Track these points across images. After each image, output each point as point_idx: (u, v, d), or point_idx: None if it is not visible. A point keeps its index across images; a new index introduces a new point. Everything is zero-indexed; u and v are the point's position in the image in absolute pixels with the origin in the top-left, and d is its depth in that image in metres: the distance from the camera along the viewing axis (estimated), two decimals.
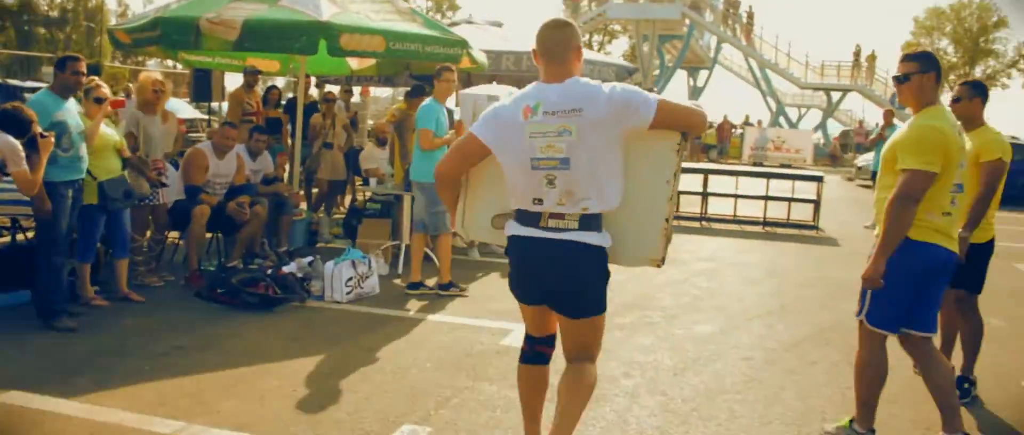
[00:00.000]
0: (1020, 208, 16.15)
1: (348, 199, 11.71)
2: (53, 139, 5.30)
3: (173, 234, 8.06)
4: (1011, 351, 6.26)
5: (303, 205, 10.03)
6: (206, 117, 19.75)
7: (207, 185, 7.48)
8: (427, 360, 5.39)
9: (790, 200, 13.28)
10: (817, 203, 12.79)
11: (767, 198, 13.13)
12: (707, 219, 13.46)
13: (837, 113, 40.37)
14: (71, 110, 5.88)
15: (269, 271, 6.86)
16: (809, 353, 5.98)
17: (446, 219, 6.80)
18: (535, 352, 3.65)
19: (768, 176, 13.32)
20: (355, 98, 13.28)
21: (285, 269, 6.92)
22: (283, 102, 11.97)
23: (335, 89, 13.04)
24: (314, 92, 12.59)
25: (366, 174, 10.18)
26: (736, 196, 13.40)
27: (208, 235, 7.86)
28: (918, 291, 3.92)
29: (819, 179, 13.10)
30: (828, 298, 7.78)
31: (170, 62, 24.11)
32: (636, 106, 3.13)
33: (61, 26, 55.22)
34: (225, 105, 12.76)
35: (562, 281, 3.29)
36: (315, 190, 11.05)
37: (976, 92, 4.96)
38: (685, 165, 4.00)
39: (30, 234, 7.11)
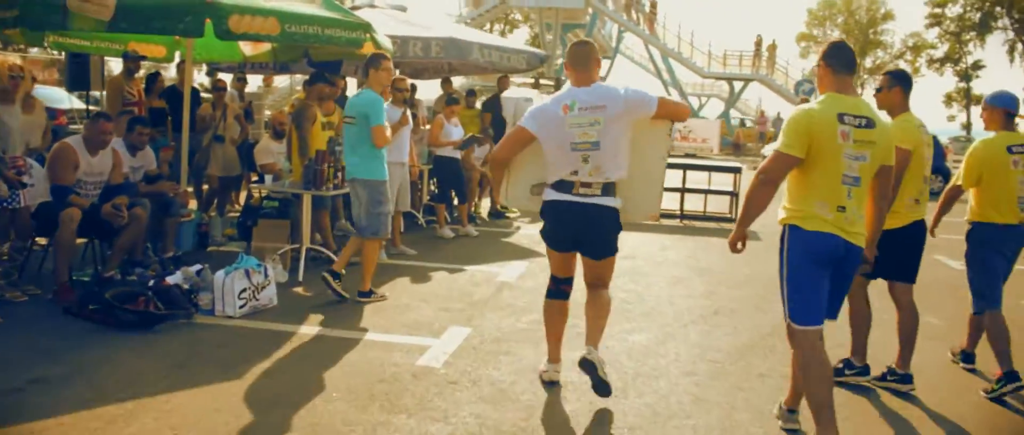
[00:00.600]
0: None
1: (244, 196, 10.82)
2: None
3: (42, 240, 7.10)
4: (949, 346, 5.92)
5: (192, 205, 9.14)
6: (85, 108, 18.29)
7: (78, 185, 6.57)
8: (334, 389, 4.66)
9: (707, 192, 12.94)
10: (735, 195, 12.47)
11: (684, 190, 12.74)
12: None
13: (737, 103, 40.80)
14: None
15: (150, 283, 6.04)
16: (755, 364, 5.51)
17: (386, 221, 6.72)
18: (559, 289, 4.85)
19: (685, 167, 12.92)
20: (252, 87, 12.36)
21: (169, 280, 6.09)
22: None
23: (228, 77, 12.11)
24: (207, 80, 11.61)
25: (261, 169, 9.35)
26: None
27: (82, 241, 6.93)
28: (801, 279, 3.94)
29: (737, 170, 12.81)
30: (761, 299, 7.35)
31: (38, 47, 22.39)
32: (645, 102, 4.43)
33: None
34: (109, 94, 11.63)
35: (589, 233, 4.54)
36: (206, 187, 10.15)
37: (895, 81, 4.90)
38: None
39: None
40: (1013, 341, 5.13)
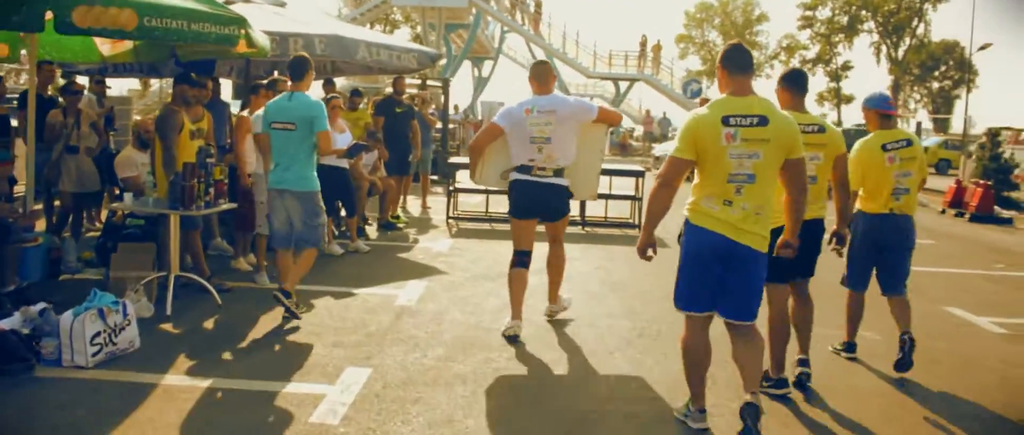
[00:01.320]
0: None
1: (105, 214, 9.64)
2: None
3: None
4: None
5: (40, 226, 7.98)
6: None
7: None
8: None
9: (608, 197, 12.38)
10: (640, 200, 11.94)
11: None
12: None
13: (622, 104, 40.81)
14: None
15: None
16: None
17: (324, 230, 6.82)
18: (521, 261, 6.19)
19: None
20: (123, 91, 11.12)
21: (3, 324, 5.06)
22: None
23: (86, 80, 10.90)
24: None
25: (122, 183, 8.28)
26: None
27: None
28: (689, 269, 4.26)
29: (640, 174, 12.30)
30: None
31: None
32: (587, 109, 6.16)
33: None
34: None
35: (546, 204, 6.08)
36: (57, 204, 8.95)
37: (785, 83, 5.11)
38: None
39: None
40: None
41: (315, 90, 14.01)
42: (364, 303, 6.99)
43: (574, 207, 12.37)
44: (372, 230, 10.95)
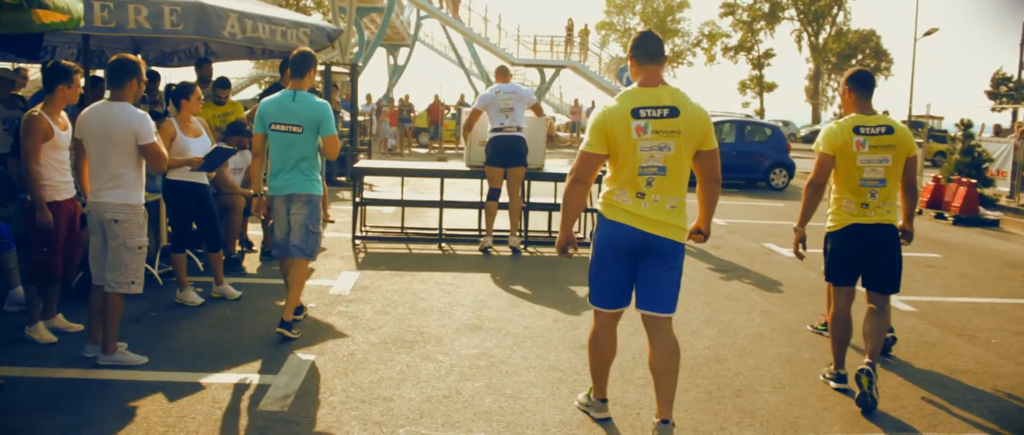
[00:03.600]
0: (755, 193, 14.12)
1: None
2: None
3: None
4: None
5: None
6: None
7: None
8: None
9: (551, 209, 10.09)
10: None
11: (531, 207, 9.82)
12: (447, 239, 9.90)
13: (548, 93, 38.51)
14: None
15: None
16: None
17: (320, 241, 6.17)
18: (494, 193, 9.32)
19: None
20: None
21: None
22: None
23: None
24: None
25: None
26: (480, 204, 9.93)
27: None
28: (601, 265, 4.16)
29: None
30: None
31: None
32: (531, 96, 9.64)
33: None
34: None
35: (511, 153, 9.13)
36: None
37: (851, 84, 5.12)
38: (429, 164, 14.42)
39: None
40: None
41: (183, 76, 11.44)
42: (211, 405, 4.48)
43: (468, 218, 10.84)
44: (254, 260, 8.37)
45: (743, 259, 9.57)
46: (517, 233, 9.40)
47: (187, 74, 12.70)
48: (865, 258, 5.08)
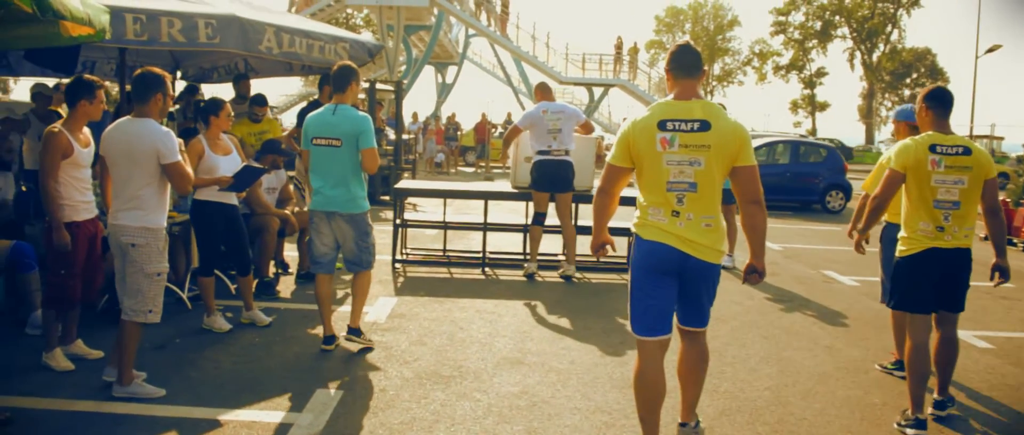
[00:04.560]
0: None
1: None
2: None
3: None
4: None
5: None
6: None
7: None
8: None
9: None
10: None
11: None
12: (490, 264, 9.51)
13: (597, 111, 38.02)
14: None
15: None
16: None
17: (375, 251, 6.05)
18: (540, 219, 8.80)
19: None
20: None
21: None
22: None
23: None
24: None
25: None
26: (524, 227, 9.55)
27: None
28: (640, 287, 3.96)
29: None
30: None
31: None
32: (579, 114, 8.93)
33: None
34: None
35: (560, 178, 8.61)
36: None
37: (928, 102, 4.84)
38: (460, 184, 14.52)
39: None
40: None
41: (223, 92, 11.28)
42: None
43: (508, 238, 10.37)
44: (289, 283, 8.06)
45: (802, 288, 9.04)
46: (572, 262, 8.92)
47: (227, 90, 12.54)
48: (943, 284, 4.81)
